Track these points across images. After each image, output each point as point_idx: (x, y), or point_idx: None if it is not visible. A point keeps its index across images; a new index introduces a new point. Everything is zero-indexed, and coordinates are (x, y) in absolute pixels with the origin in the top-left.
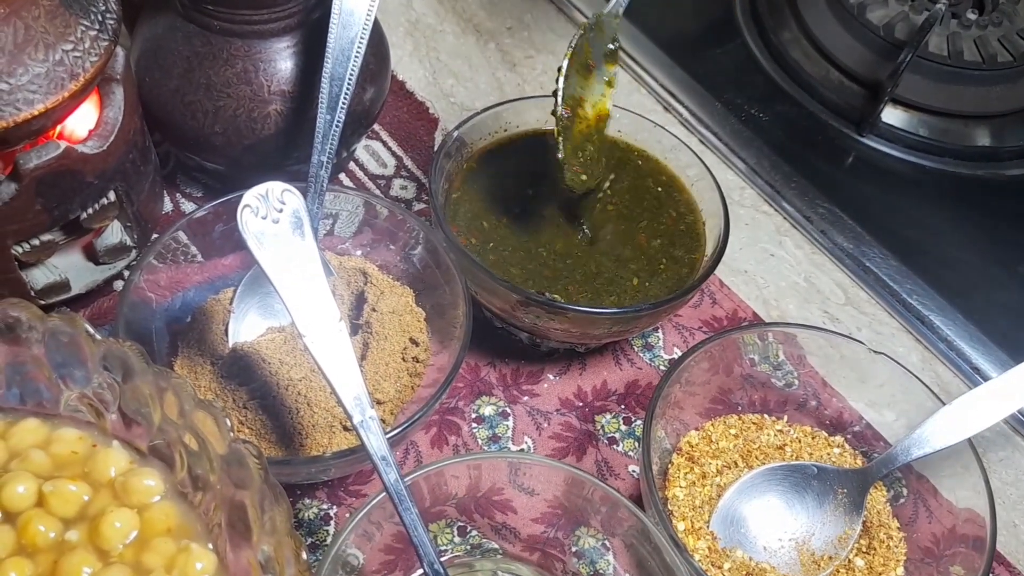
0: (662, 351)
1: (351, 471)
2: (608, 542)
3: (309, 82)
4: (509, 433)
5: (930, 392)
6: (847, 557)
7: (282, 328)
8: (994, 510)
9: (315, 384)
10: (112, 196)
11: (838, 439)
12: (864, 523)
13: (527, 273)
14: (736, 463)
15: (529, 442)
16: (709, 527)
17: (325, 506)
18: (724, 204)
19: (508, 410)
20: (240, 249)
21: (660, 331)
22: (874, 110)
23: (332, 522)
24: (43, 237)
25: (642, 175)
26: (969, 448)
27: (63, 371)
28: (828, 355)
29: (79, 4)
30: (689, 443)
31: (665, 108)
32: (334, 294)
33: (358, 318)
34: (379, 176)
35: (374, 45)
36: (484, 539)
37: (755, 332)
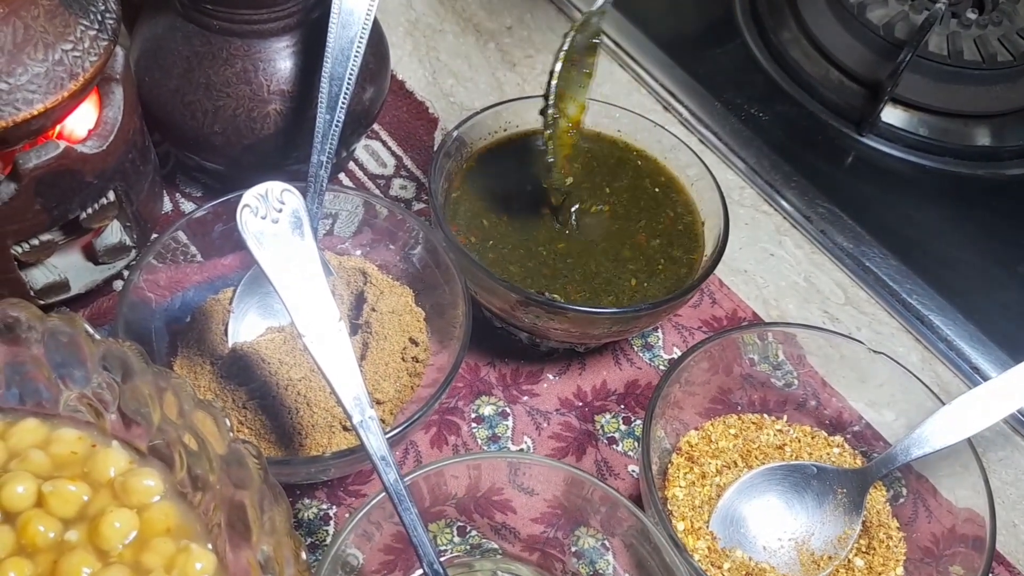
0: (662, 351)
1: (351, 471)
2: (608, 542)
3: (309, 82)
4: (509, 433)
5: (930, 392)
6: (847, 557)
7: (282, 328)
8: (993, 510)
9: (314, 384)
10: (111, 196)
11: (838, 439)
12: (864, 523)
13: (526, 272)
14: (736, 463)
15: (529, 442)
16: (709, 527)
17: (325, 506)
18: (724, 204)
19: (508, 410)
20: (239, 249)
21: (660, 331)
22: (874, 110)
23: (332, 522)
24: (42, 237)
25: (641, 175)
26: (969, 448)
27: (62, 371)
28: (828, 355)
29: (78, 4)
30: (689, 443)
31: (665, 108)
32: (334, 294)
33: (358, 318)
34: (379, 176)
35: (374, 45)
36: (484, 539)
37: (755, 332)
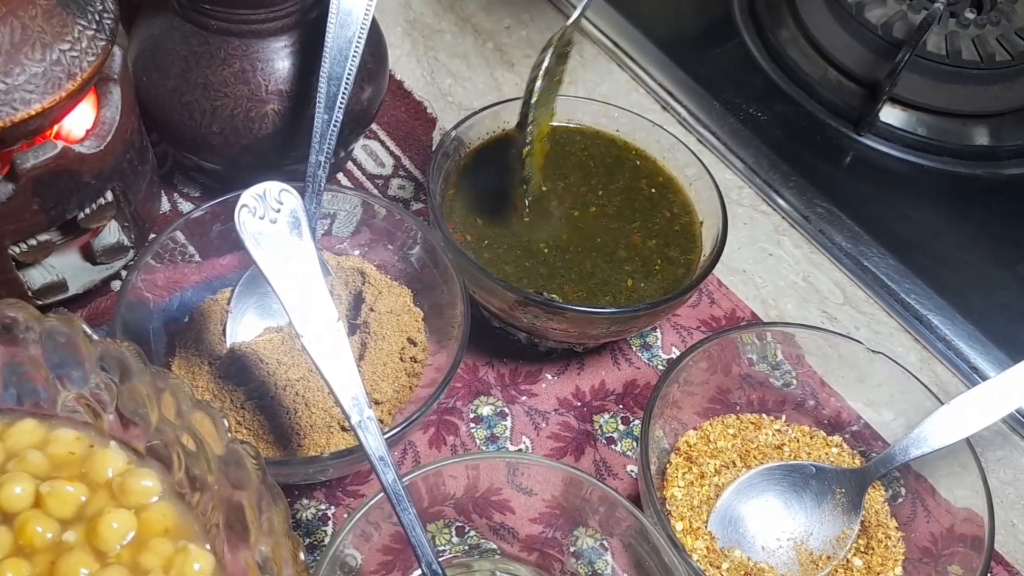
0: (660, 351)
1: (349, 471)
2: (606, 542)
3: (307, 82)
4: (507, 433)
5: (928, 391)
6: (845, 557)
7: (280, 328)
8: (992, 509)
9: (313, 384)
10: (109, 196)
11: (836, 439)
12: (862, 523)
13: (522, 271)
14: (734, 463)
15: (527, 442)
16: (707, 527)
17: (323, 506)
18: (722, 203)
19: (506, 410)
20: (238, 249)
21: (658, 331)
22: (872, 109)
23: (330, 522)
24: (40, 237)
25: (639, 175)
26: (967, 447)
27: (60, 371)
28: (826, 354)
29: (76, 4)
30: (687, 443)
31: (663, 107)
32: (332, 294)
33: (356, 318)
34: (377, 176)
35: (372, 44)
36: (482, 539)
37: (753, 332)
